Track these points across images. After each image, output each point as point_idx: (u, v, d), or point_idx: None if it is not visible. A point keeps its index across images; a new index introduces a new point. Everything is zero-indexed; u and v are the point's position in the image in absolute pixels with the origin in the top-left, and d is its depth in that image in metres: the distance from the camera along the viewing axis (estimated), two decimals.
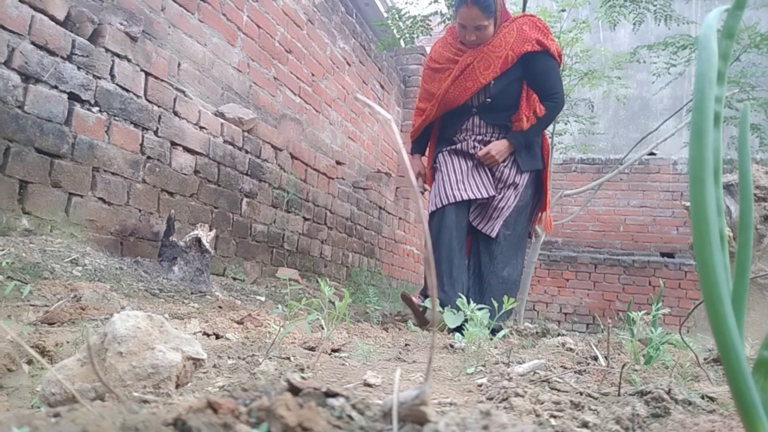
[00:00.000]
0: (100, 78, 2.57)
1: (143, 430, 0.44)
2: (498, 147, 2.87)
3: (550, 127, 5.38)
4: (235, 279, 3.42)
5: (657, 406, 0.92)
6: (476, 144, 2.96)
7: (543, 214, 3.18)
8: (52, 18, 2.35)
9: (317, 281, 2.31)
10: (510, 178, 2.94)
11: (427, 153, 3.28)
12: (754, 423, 0.54)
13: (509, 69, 2.84)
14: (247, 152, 3.65)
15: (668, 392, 0.95)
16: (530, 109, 2.94)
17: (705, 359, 1.70)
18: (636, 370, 1.38)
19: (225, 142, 3.43)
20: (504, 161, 2.92)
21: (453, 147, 3.02)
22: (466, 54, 2.89)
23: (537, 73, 2.88)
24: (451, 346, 1.90)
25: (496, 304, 1.86)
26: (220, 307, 2.25)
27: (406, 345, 1.94)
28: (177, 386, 0.78)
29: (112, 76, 2.64)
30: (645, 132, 6.78)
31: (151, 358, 0.75)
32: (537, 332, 2.63)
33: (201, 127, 3.22)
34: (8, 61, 2.18)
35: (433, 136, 3.21)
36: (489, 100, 2.90)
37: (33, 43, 2.27)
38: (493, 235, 2.92)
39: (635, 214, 8.06)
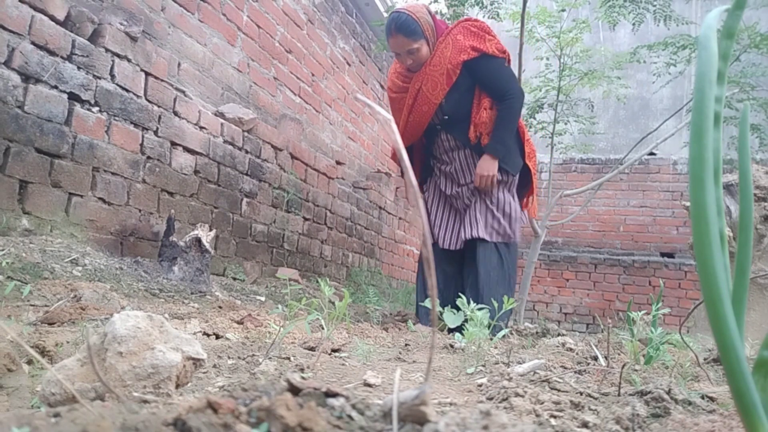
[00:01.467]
0: (100, 78, 2.57)
1: (143, 430, 0.44)
2: (485, 167, 2.83)
3: (550, 128, 5.38)
4: (235, 279, 3.42)
5: (657, 406, 0.92)
6: (456, 169, 3.00)
7: (529, 199, 3.14)
8: (52, 18, 2.35)
9: (317, 281, 2.31)
10: (501, 184, 2.92)
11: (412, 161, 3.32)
12: (754, 423, 0.54)
13: (456, 82, 2.83)
14: (247, 152, 3.65)
15: (668, 392, 0.95)
16: (479, 116, 2.89)
17: (705, 359, 1.70)
18: (636, 370, 1.38)
19: (225, 142, 3.43)
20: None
21: (438, 175, 3.10)
22: (413, 80, 2.91)
23: (483, 80, 2.85)
24: (451, 346, 1.90)
25: (496, 304, 1.86)
26: (220, 307, 2.25)
27: (406, 345, 1.94)
28: (177, 386, 0.78)
29: (112, 76, 2.64)
30: (645, 132, 6.78)
31: (151, 358, 0.75)
32: (537, 332, 2.63)
33: (201, 127, 3.22)
34: (8, 61, 2.18)
35: (419, 151, 3.24)
36: (446, 117, 2.92)
37: (33, 43, 2.27)
38: (489, 238, 2.88)
39: (635, 214, 8.06)
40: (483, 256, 2.89)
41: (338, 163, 5.01)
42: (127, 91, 2.71)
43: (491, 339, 1.80)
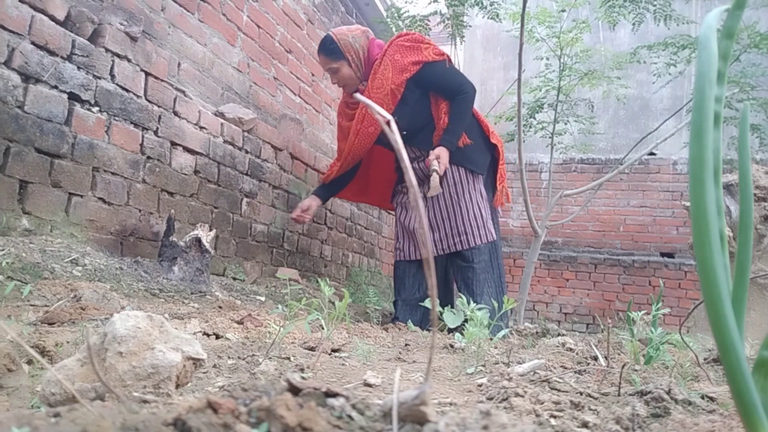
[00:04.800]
0: (100, 78, 2.57)
1: (143, 430, 0.44)
2: (440, 154, 2.86)
3: (550, 128, 5.38)
4: (235, 279, 3.42)
5: (657, 406, 0.92)
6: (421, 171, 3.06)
7: (499, 189, 3.19)
8: (52, 18, 2.35)
9: (317, 281, 2.31)
10: (469, 185, 2.97)
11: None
12: (754, 423, 0.54)
13: (403, 97, 2.91)
14: (247, 152, 3.65)
15: (668, 392, 0.95)
16: (442, 121, 2.98)
17: (705, 359, 1.70)
18: (636, 370, 1.38)
19: (225, 142, 3.43)
20: (453, 173, 2.96)
21: (403, 190, 3.18)
22: (359, 106, 3.01)
23: (433, 86, 2.95)
24: (451, 346, 1.90)
25: (496, 304, 1.86)
26: (220, 307, 2.25)
27: (406, 345, 1.94)
28: (177, 386, 0.78)
29: (112, 76, 2.64)
30: (645, 132, 6.78)
31: (151, 358, 0.75)
32: (537, 332, 2.63)
33: (201, 127, 3.22)
34: (8, 61, 2.18)
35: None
36: (404, 132, 2.97)
37: (33, 43, 2.27)
38: (472, 244, 2.93)
39: (635, 214, 8.06)
40: (463, 265, 2.95)
41: None
42: (127, 91, 2.71)
43: (491, 339, 1.80)
